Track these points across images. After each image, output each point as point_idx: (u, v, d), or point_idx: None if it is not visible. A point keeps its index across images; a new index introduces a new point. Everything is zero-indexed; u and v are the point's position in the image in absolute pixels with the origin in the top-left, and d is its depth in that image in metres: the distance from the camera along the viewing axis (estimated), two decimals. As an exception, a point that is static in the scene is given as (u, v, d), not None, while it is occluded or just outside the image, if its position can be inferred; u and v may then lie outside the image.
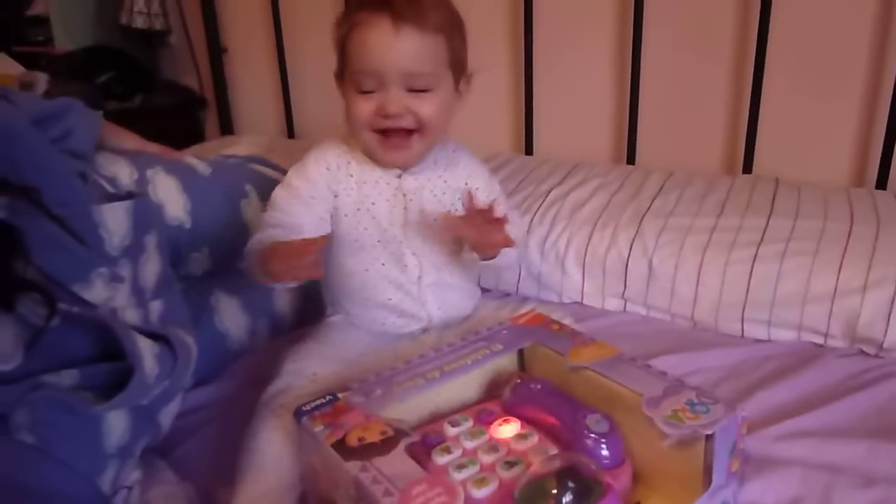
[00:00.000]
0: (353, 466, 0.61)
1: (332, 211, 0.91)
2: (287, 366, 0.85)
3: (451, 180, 0.94)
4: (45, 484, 0.58)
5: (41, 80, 1.74)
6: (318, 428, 0.67)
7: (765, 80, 1.27)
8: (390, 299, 0.92)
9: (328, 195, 0.91)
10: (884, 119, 1.20)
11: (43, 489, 0.58)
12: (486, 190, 0.97)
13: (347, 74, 0.86)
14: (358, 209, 0.90)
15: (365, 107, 0.85)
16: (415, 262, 0.92)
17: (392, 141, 0.87)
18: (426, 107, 0.85)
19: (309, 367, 0.84)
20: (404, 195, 0.91)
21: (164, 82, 1.98)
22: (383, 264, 0.91)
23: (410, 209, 0.91)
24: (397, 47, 0.82)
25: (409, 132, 0.87)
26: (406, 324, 0.94)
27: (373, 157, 0.90)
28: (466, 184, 0.95)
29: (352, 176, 0.91)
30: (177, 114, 1.95)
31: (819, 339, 1.01)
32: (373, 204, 0.90)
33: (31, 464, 0.57)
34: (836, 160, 1.29)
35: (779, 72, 1.28)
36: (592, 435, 0.70)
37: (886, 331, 0.95)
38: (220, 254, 1.01)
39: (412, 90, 0.84)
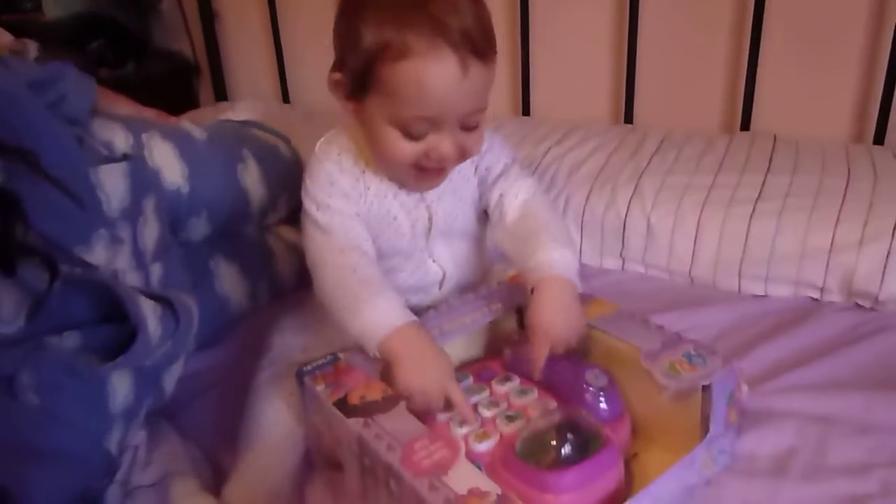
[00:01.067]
0: (355, 423, 0.62)
1: None
2: (276, 339, 0.85)
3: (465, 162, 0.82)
4: (52, 444, 0.59)
5: (31, 47, 1.71)
6: (321, 387, 0.68)
7: (763, 38, 1.26)
8: (409, 300, 0.82)
9: (361, 203, 0.79)
10: (882, 76, 1.19)
11: (50, 449, 0.59)
12: (498, 157, 0.84)
13: (382, 108, 0.70)
14: (379, 224, 0.80)
15: (410, 150, 0.71)
16: (437, 268, 0.85)
17: (429, 174, 0.76)
18: (474, 141, 0.74)
19: (298, 342, 0.84)
20: (428, 206, 0.81)
21: (156, 49, 1.95)
22: (402, 272, 0.85)
23: (435, 219, 0.82)
24: (464, 89, 0.68)
25: None
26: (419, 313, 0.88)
27: (396, 181, 0.80)
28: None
29: (369, 188, 0.79)
30: (170, 81, 1.93)
31: (816, 294, 1.01)
32: (395, 219, 0.80)
33: (37, 425, 0.58)
34: (835, 117, 1.29)
35: (777, 29, 1.26)
36: (591, 389, 0.71)
37: (882, 284, 0.95)
38: (218, 219, 1.01)
39: (464, 128, 0.72)
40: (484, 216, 0.86)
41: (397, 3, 0.67)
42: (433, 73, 0.66)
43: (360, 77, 0.70)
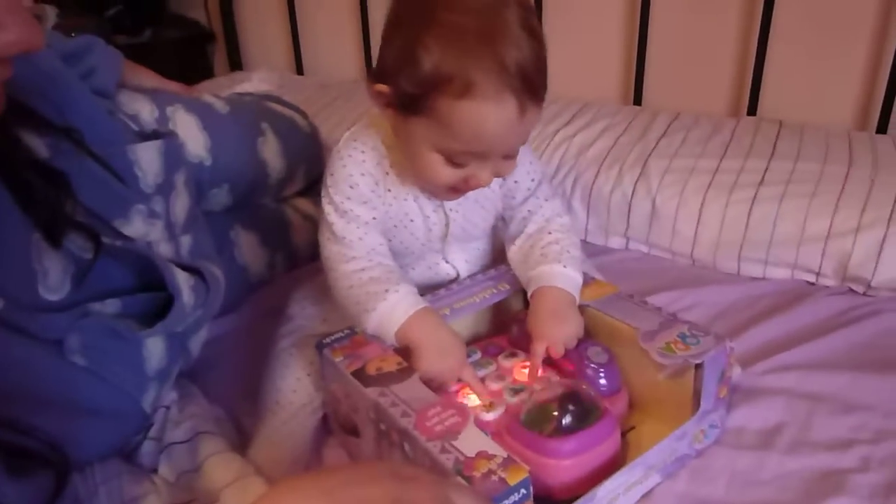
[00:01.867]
0: (372, 392, 0.66)
1: None
2: (296, 310, 0.88)
3: None
4: (96, 402, 0.64)
5: (50, 13, 1.72)
6: (339, 359, 0.71)
7: (772, 23, 1.27)
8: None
9: (381, 206, 0.78)
10: (888, 65, 1.21)
11: (94, 406, 0.64)
12: (528, 172, 0.83)
13: (429, 133, 0.68)
14: (395, 226, 0.80)
15: (450, 176, 0.71)
16: (450, 268, 0.87)
17: (460, 193, 0.76)
18: (511, 167, 0.74)
19: (317, 312, 0.87)
20: (447, 212, 0.81)
21: (172, 16, 1.97)
22: (412, 269, 0.86)
23: (453, 225, 0.82)
24: (518, 131, 0.69)
25: None
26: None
27: (420, 186, 0.78)
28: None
29: (389, 191, 0.78)
30: (185, 48, 1.94)
31: (811, 278, 1.05)
32: (411, 221, 0.80)
33: (83, 384, 0.63)
34: (841, 104, 1.31)
35: (787, 15, 1.28)
36: (592, 365, 0.75)
37: (875, 270, 0.99)
38: (239, 190, 1.05)
39: (506, 157, 0.72)
40: (501, 221, 0.88)
41: (462, 34, 0.63)
42: (493, 117, 0.65)
43: (411, 100, 0.67)
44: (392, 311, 0.72)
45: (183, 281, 0.69)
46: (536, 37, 0.66)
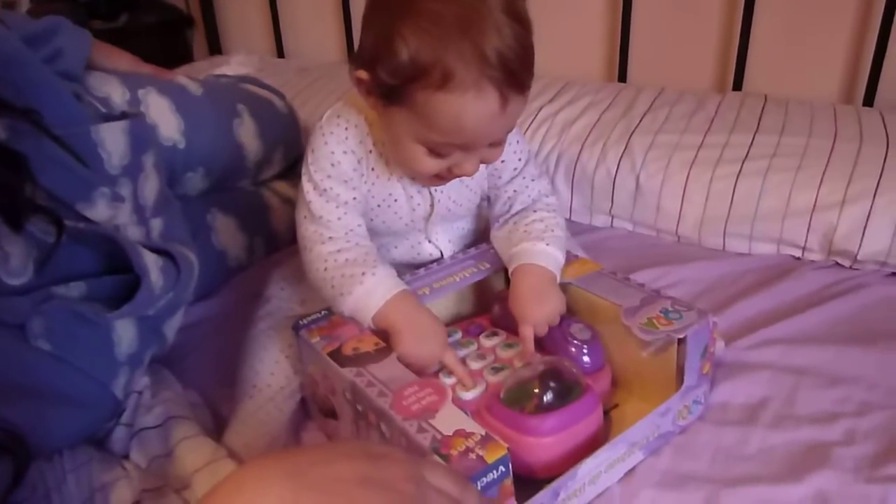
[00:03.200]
0: (349, 372, 0.65)
1: None
2: (275, 291, 0.86)
3: None
4: (63, 387, 0.62)
5: (23, -2, 1.70)
6: (316, 339, 0.71)
7: (757, -4, 1.26)
8: (399, 271, 0.80)
9: (361, 186, 0.76)
10: (873, 38, 1.20)
11: (60, 392, 0.62)
12: (514, 151, 0.81)
13: (410, 125, 0.66)
14: (378, 205, 0.78)
15: (433, 165, 0.69)
16: (433, 248, 0.85)
17: (445, 180, 0.74)
18: (497, 154, 0.72)
19: (296, 294, 0.86)
20: (431, 193, 0.79)
21: (149, 1, 1.94)
22: (395, 249, 0.85)
23: (438, 206, 0.81)
24: (501, 122, 0.66)
25: None
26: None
27: (404, 172, 0.77)
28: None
29: (373, 170, 0.76)
30: (163, 33, 1.91)
31: (797, 252, 1.04)
32: (395, 201, 0.78)
33: (48, 369, 0.61)
34: (826, 78, 1.30)
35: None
36: (575, 342, 0.74)
37: (861, 243, 0.98)
38: (215, 174, 1.03)
39: (492, 145, 0.70)
40: (486, 201, 0.87)
41: (440, 23, 0.60)
42: (472, 109, 0.63)
43: (389, 90, 0.65)
44: (369, 295, 0.70)
45: (151, 262, 0.67)
46: (522, 22, 0.63)
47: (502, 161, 0.80)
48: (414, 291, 0.75)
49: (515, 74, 0.62)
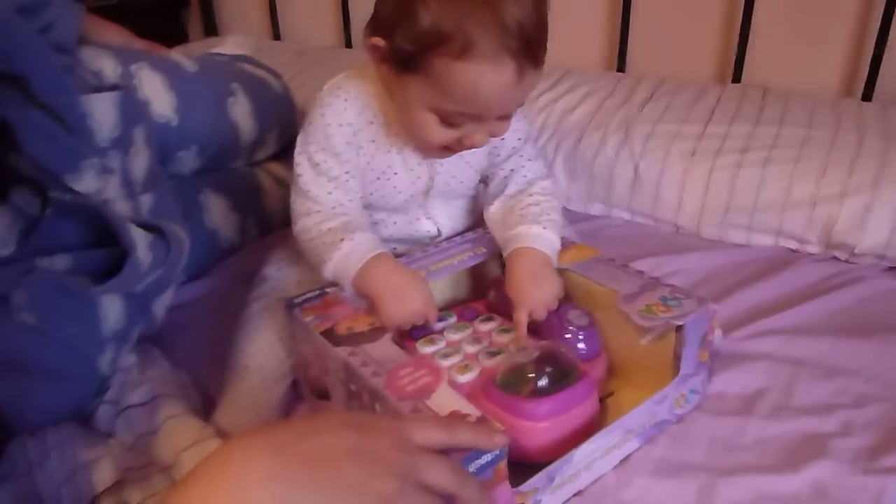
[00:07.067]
0: (342, 351, 0.64)
1: None
2: (272, 272, 0.85)
3: None
4: (46, 363, 0.61)
5: (16, -27, 1.67)
6: (309, 318, 0.69)
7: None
8: (395, 248, 0.83)
9: (356, 159, 0.76)
10: (874, 32, 1.19)
11: (43, 368, 0.61)
12: (514, 129, 0.79)
13: (424, 93, 0.67)
14: (378, 178, 0.78)
15: (443, 135, 0.70)
16: (431, 224, 0.85)
17: (452, 152, 0.74)
18: (505, 127, 0.72)
19: (293, 275, 0.85)
20: (430, 166, 0.79)
21: (145, -21, 1.91)
22: (393, 224, 0.84)
23: (437, 179, 0.80)
24: (516, 94, 0.67)
25: None
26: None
27: (406, 139, 0.76)
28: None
29: (373, 142, 0.76)
30: (159, 13, 1.89)
31: (795, 245, 1.04)
32: (395, 174, 0.78)
33: (31, 343, 0.59)
34: (827, 71, 1.29)
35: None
36: (572, 328, 0.73)
37: (860, 236, 0.97)
38: (208, 152, 1.01)
39: (501, 118, 0.71)
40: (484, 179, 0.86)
41: None
42: (490, 79, 0.63)
43: (406, 57, 0.65)
44: (346, 259, 0.70)
45: (139, 237, 0.66)
46: None
47: (502, 138, 0.80)
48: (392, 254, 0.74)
49: (532, 46, 0.63)
